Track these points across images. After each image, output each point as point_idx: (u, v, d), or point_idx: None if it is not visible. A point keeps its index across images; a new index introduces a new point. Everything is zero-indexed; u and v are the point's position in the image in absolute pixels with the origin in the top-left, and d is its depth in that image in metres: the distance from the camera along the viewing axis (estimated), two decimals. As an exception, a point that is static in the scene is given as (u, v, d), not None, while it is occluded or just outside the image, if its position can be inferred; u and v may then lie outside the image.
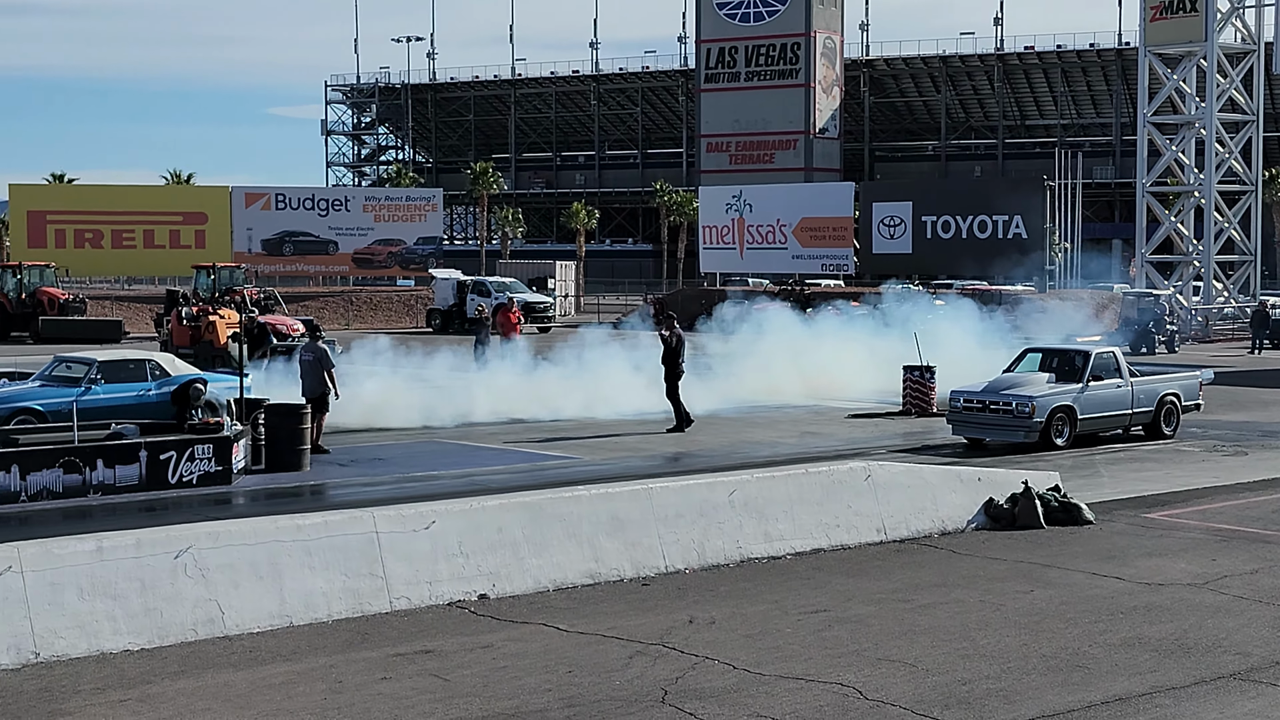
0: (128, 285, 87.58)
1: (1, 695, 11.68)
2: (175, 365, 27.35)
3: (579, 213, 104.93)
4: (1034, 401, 26.57)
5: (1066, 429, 26.98)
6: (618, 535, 16.11)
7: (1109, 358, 28.28)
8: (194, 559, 13.56)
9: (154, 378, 26.45)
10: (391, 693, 11.76)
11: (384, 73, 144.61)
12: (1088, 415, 27.35)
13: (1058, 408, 26.87)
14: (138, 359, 27.13)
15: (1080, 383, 27.30)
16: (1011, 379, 27.73)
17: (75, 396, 25.01)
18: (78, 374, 26.12)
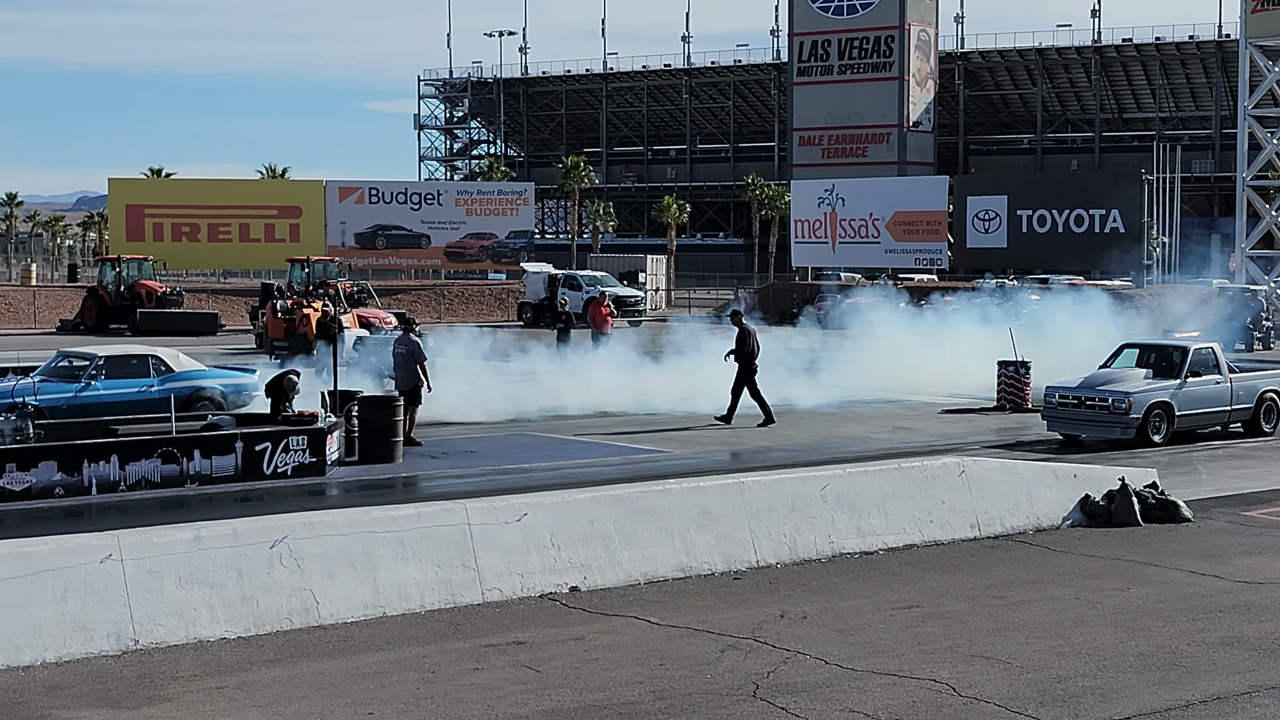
0: (223, 278, 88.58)
1: (102, 680, 11.85)
2: (179, 361, 26.88)
3: (670, 206, 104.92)
4: (1131, 397, 26.23)
5: (1164, 425, 26.59)
6: (709, 529, 16.09)
7: (1207, 353, 27.82)
8: (289, 549, 13.68)
9: (157, 374, 26.11)
10: (483, 683, 11.82)
11: (476, 67, 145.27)
12: (1185, 412, 26.95)
13: (1155, 404, 26.49)
14: (140, 355, 26.76)
15: (1178, 379, 26.92)
16: (1108, 375, 27.39)
17: (74, 392, 24.84)
18: (78, 370, 25.77)
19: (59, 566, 12.60)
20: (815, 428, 29.10)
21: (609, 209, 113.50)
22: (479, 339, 40.08)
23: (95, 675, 12.01)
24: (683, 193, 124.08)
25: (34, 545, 12.83)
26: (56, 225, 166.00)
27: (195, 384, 26.38)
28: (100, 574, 12.74)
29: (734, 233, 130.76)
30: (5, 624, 12.19)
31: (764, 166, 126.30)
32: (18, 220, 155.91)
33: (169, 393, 24.60)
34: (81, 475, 20.44)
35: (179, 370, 26.51)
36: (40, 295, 70.84)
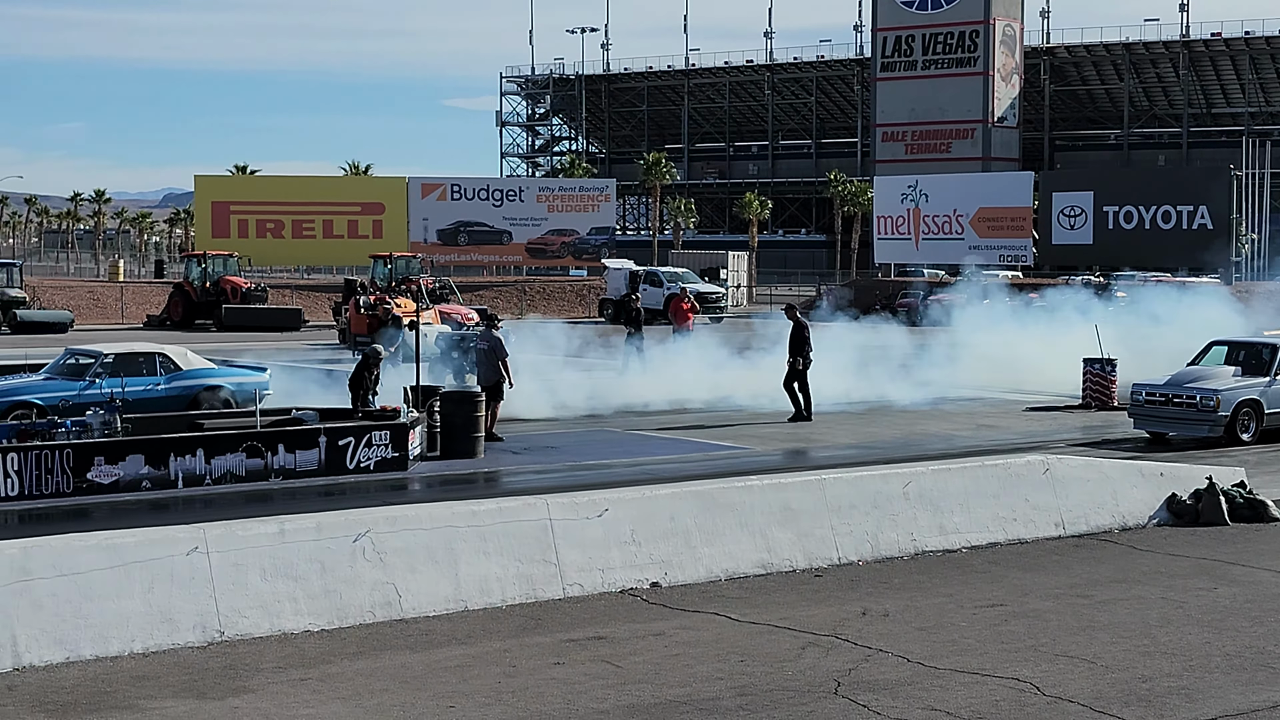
0: (307, 274, 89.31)
1: (188, 671, 11.98)
2: (187, 359, 26.73)
3: (752, 203, 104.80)
4: (1219, 395, 25.92)
5: (1253, 424, 26.25)
6: (790, 525, 16.05)
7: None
8: (372, 543, 13.77)
9: (164, 372, 25.94)
10: (564, 678, 11.84)
11: (558, 64, 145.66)
12: (1275, 410, 26.52)
13: (1244, 402, 26.15)
14: (147, 352, 26.58)
15: (1268, 376, 26.53)
16: (1196, 372, 27.08)
17: (78, 390, 24.64)
18: (84, 368, 25.58)
19: (146, 558, 12.75)
20: (899, 425, 28.95)
21: (690, 205, 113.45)
22: (560, 335, 40.17)
23: (181, 666, 12.14)
24: (765, 189, 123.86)
25: (122, 537, 12.98)
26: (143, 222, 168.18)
27: (202, 382, 26.08)
28: (186, 566, 12.88)
29: (816, 229, 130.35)
30: (94, 615, 12.35)
31: (846, 162, 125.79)
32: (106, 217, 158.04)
33: (176, 391, 24.59)
34: (168, 469, 20.66)
35: (186, 368, 26.23)
36: (127, 291, 71.72)
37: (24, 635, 12.06)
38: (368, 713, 10.98)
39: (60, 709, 11.02)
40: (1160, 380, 27.12)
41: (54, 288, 71.36)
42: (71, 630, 12.26)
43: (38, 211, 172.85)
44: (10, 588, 12.11)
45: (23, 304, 58.54)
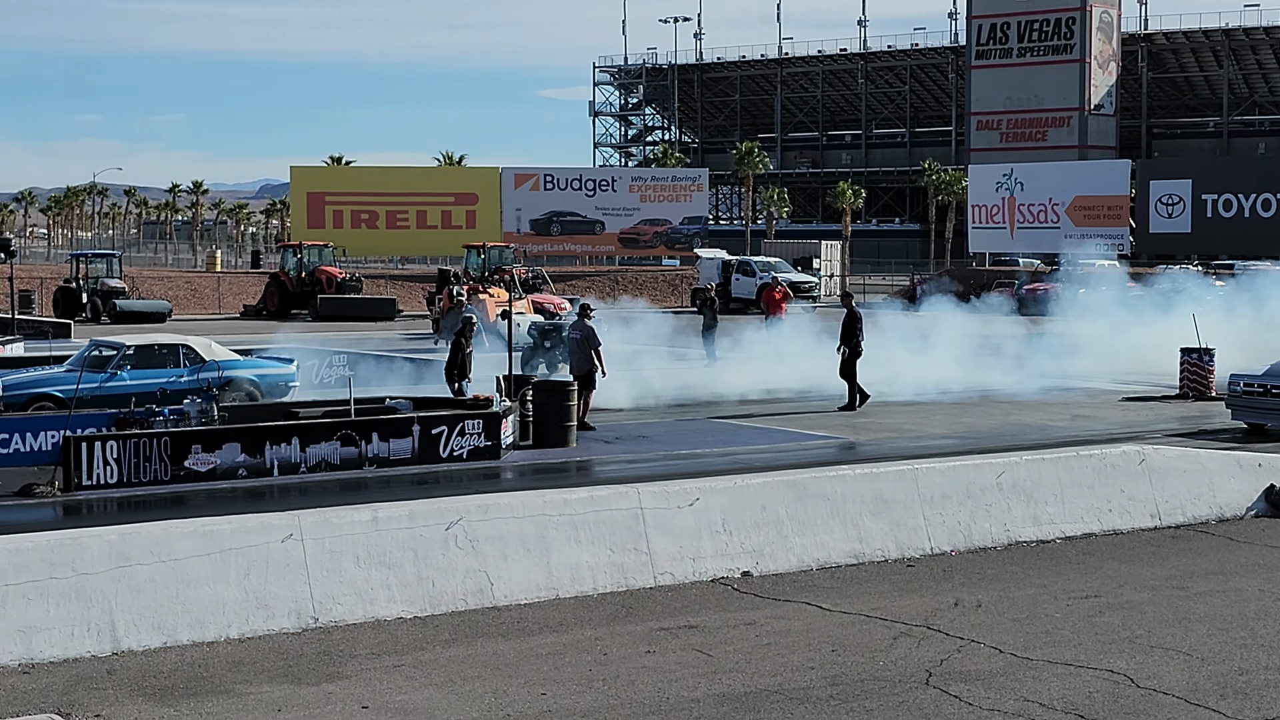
0: (401, 265, 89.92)
1: (284, 657, 12.11)
2: (211, 350, 26.41)
3: (845, 192, 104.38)
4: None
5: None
6: (882, 515, 15.98)
7: None
8: (464, 531, 13.85)
9: (188, 363, 25.71)
10: (656, 666, 11.86)
11: (651, 54, 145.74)
12: None
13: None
14: (171, 344, 26.30)
15: None
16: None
17: (99, 382, 24.44)
18: (108, 359, 25.43)
19: (242, 545, 12.90)
20: (993, 415, 28.73)
21: (783, 195, 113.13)
22: (652, 324, 40.19)
23: (277, 652, 12.27)
24: (858, 178, 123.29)
25: (219, 524, 13.15)
26: (240, 213, 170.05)
27: (226, 374, 25.75)
28: (282, 553, 13.02)
29: (910, 218, 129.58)
30: (192, 601, 12.51)
31: (941, 151, 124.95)
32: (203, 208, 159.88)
33: (198, 383, 24.30)
34: (264, 457, 20.89)
35: (210, 360, 25.98)
36: (224, 281, 72.56)
37: (123, 620, 12.24)
38: (461, 699, 11.05)
39: (159, 693, 11.18)
40: (1259, 370, 26.65)
41: (153, 278, 72.30)
42: (169, 615, 12.43)
43: (137, 203, 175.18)
44: (110, 573, 12.30)
45: (122, 294, 59.35)
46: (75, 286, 58.93)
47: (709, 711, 10.76)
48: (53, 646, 11.93)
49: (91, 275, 59.56)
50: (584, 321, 26.67)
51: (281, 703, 10.97)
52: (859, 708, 10.82)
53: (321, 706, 10.89)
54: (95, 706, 10.84)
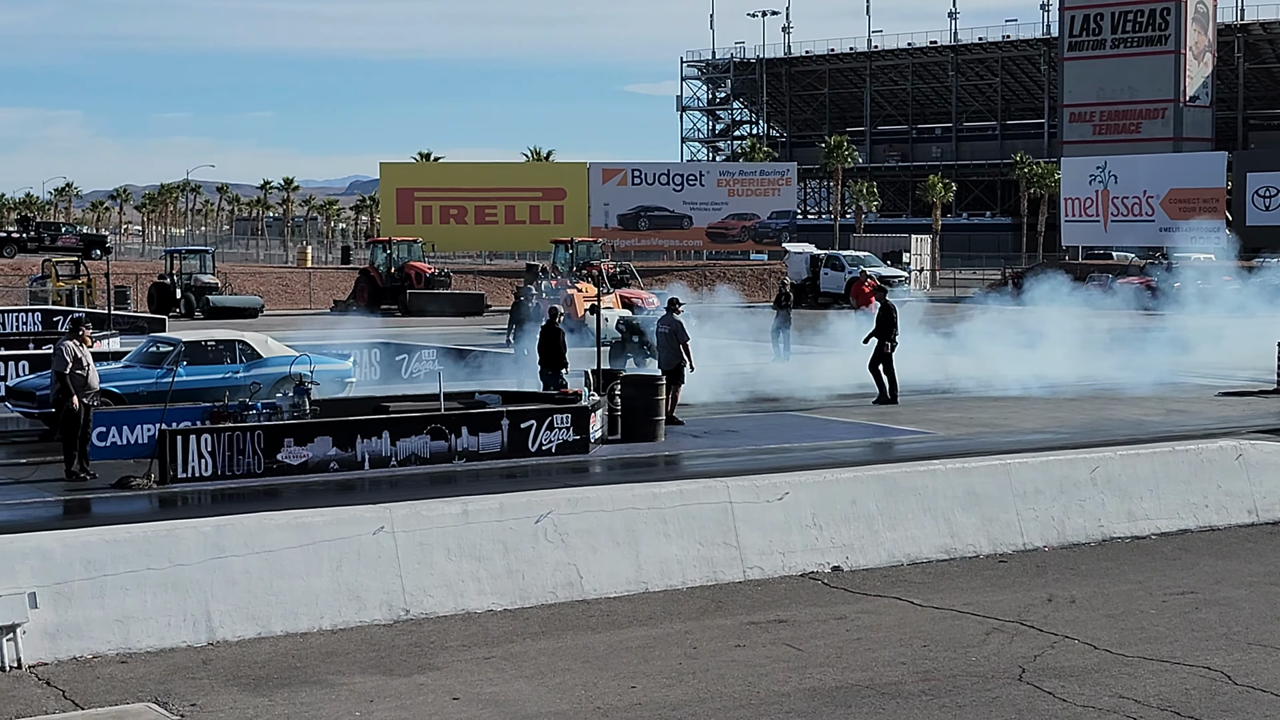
0: (489, 260, 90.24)
1: (375, 648, 12.19)
2: (268, 346, 26.11)
3: (935, 186, 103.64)
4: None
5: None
6: (974, 510, 15.87)
7: None
8: (554, 524, 13.88)
9: (244, 359, 25.45)
10: (746, 660, 11.83)
11: (739, 48, 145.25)
12: None
13: None
14: (227, 340, 26.07)
15: None
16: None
17: (155, 378, 24.10)
18: (164, 355, 25.19)
19: (334, 537, 13.01)
20: (1087, 410, 28.42)
21: (872, 188, 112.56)
22: (741, 318, 40.13)
23: (368, 643, 12.36)
24: (948, 171, 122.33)
25: (311, 516, 13.26)
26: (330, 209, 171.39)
27: (282, 370, 25.30)
28: (373, 545, 13.11)
29: (1001, 211, 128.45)
30: (286, 592, 12.63)
31: (1033, 144, 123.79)
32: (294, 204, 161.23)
33: (254, 379, 24.20)
34: (355, 450, 21.03)
35: (266, 356, 25.75)
36: (315, 277, 73.14)
37: (218, 610, 12.37)
38: (551, 691, 11.08)
39: (253, 683, 11.28)
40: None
41: (244, 274, 73.01)
42: (263, 606, 12.55)
43: (229, 200, 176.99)
44: (205, 564, 12.43)
45: (215, 290, 59.99)
46: (169, 282, 59.63)
47: (799, 705, 10.72)
48: (149, 636, 12.08)
49: (185, 271, 60.25)
50: (673, 316, 26.64)
51: (374, 693, 11.04)
52: (950, 703, 10.74)
53: (413, 697, 10.95)
54: (191, 696, 10.96)
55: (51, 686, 11.16)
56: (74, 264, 59.11)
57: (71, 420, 20.11)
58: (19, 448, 23.67)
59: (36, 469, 21.28)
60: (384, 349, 33.06)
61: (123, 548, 12.26)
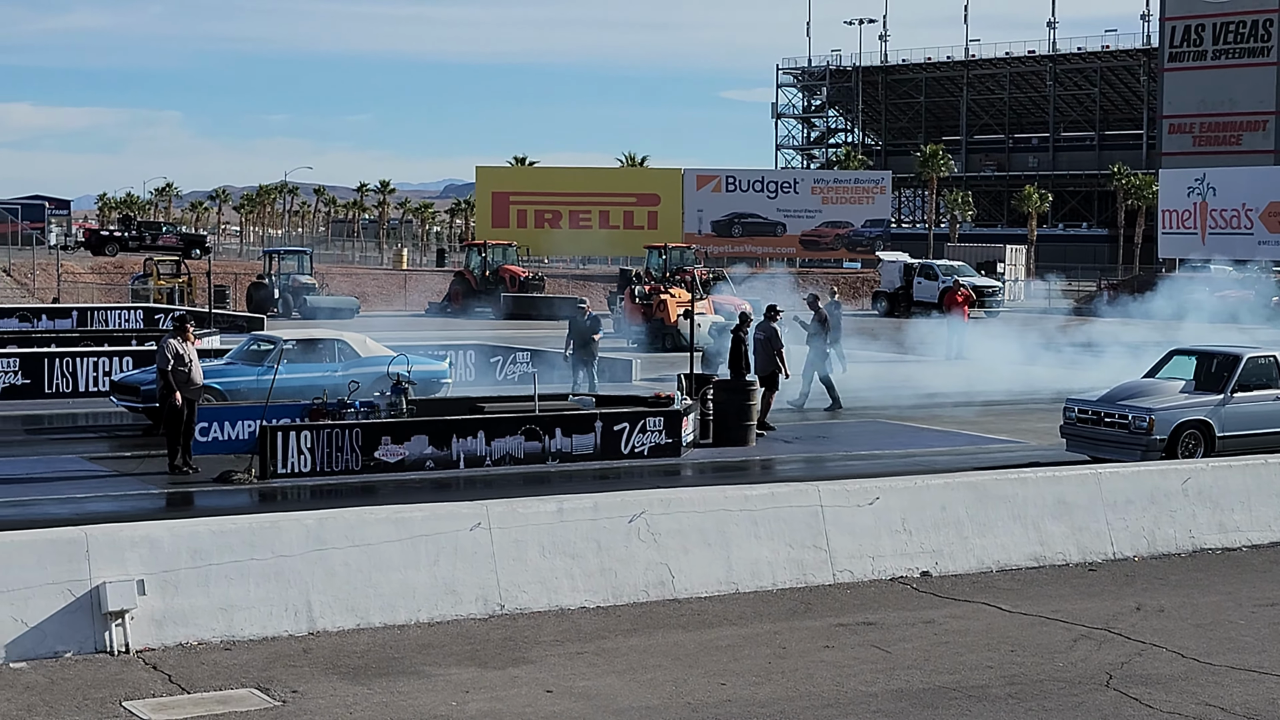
0: (583, 264, 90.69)
1: (470, 641, 12.46)
2: (366, 346, 26.32)
3: (1031, 196, 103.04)
4: (1153, 415, 21.50)
5: (1199, 449, 21.51)
6: (1063, 519, 15.94)
7: (1268, 362, 22.58)
8: (646, 524, 14.10)
9: (342, 359, 25.71)
10: (833, 661, 12.00)
11: (835, 55, 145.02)
12: (1232, 433, 21.77)
13: (1186, 423, 21.64)
14: (327, 339, 26.43)
15: (1222, 393, 21.97)
16: (1138, 386, 22.97)
17: (256, 376, 24.35)
18: (266, 353, 25.46)
19: (432, 532, 13.29)
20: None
21: (968, 198, 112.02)
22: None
23: (464, 636, 12.63)
24: (1044, 182, 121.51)
25: (410, 512, 13.56)
26: (425, 212, 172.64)
27: (380, 370, 25.24)
28: (470, 541, 13.39)
29: (1098, 223, 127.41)
30: (384, 584, 12.93)
31: (1131, 155, 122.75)
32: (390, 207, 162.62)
33: (353, 378, 24.26)
34: (450, 449, 21.37)
35: (364, 356, 25.97)
36: (410, 279, 73.82)
37: (318, 601, 12.69)
38: (642, 686, 11.30)
39: (352, 672, 11.58)
40: (1095, 395, 23.31)
41: (341, 275, 73.84)
42: (362, 598, 12.86)
43: (326, 201, 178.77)
44: (306, 556, 12.76)
45: (313, 290, 60.69)
46: (268, 282, 60.44)
47: (886, 706, 10.88)
48: (252, 625, 12.42)
49: (283, 271, 60.99)
50: (769, 323, 26.79)
51: (469, 684, 11.31)
52: (1036, 707, 10.86)
53: (506, 689, 11.20)
54: (292, 683, 11.27)
55: (158, 671, 11.51)
56: (175, 263, 60.07)
57: (174, 415, 20.58)
58: (124, 441, 24.23)
59: (141, 462, 21.80)
60: (479, 350, 33.42)
61: (228, 538, 12.60)
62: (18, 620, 11.70)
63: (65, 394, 29.07)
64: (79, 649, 11.82)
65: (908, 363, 36.96)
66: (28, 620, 11.73)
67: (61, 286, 60.25)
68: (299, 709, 10.68)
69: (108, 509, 17.98)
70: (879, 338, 42.42)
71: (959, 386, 31.62)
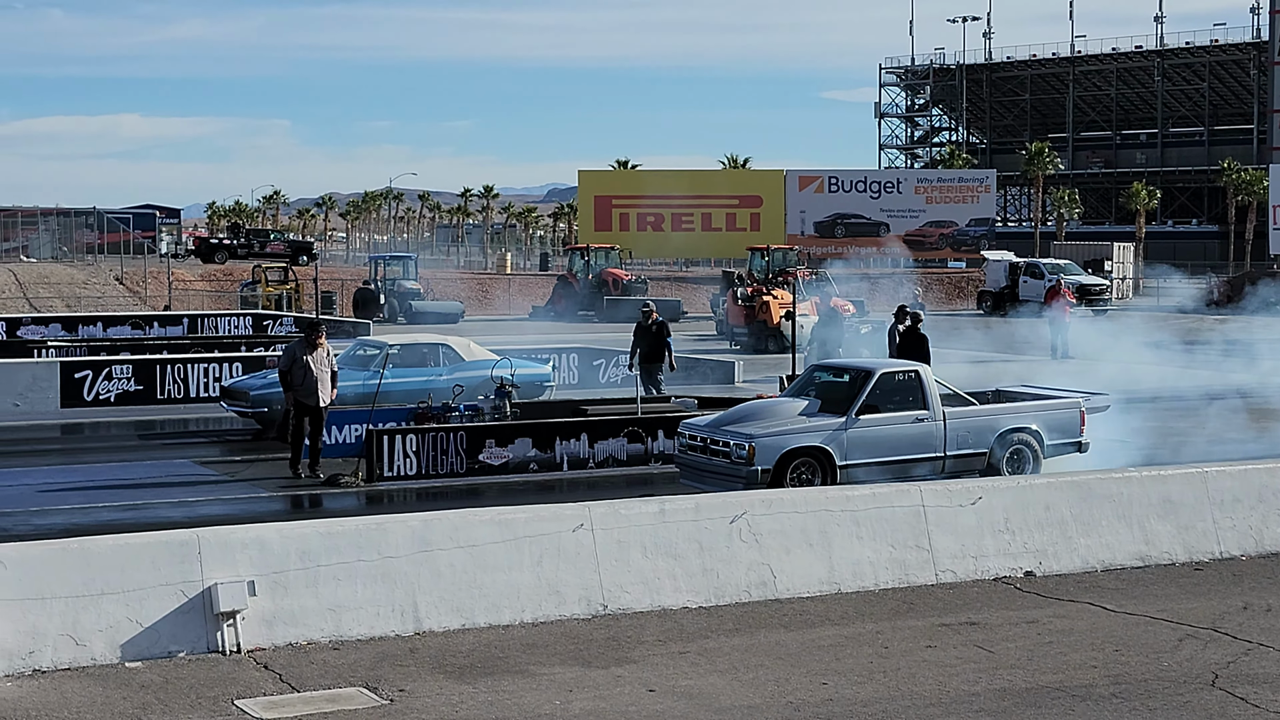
0: (685, 267, 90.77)
1: (574, 641, 12.59)
2: (470, 350, 26.48)
3: (1139, 192, 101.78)
4: (754, 441, 18.76)
5: (816, 479, 18.84)
6: (1169, 518, 15.82)
7: (906, 380, 20.05)
8: (748, 524, 14.17)
9: (447, 363, 25.85)
10: (937, 660, 12.00)
11: (939, 54, 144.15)
12: (856, 461, 19.16)
13: (796, 450, 18.92)
14: (432, 344, 26.48)
15: (845, 415, 19.27)
16: (755, 408, 20.37)
17: (363, 380, 24.32)
18: (371, 358, 25.62)
19: (535, 533, 13.44)
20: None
21: (1074, 195, 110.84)
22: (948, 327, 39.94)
23: (567, 636, 12.76)
24: (1152, 178, 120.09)
25: (514, 513, 13.71)
26: (529, 216, 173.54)
27: (484, 374, 25.20)
28: (572, 542, 13.52)
29: (1208, 219, 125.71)
30: (489, 585, 13.09)
31: (1241, 150, 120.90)
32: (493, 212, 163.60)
33: (457, 382, 24.38)
34: (554, 452, 21.56)
35: (469, 360, 26.09)
36: (514, 283, 74.28)
37: (424, 601, 12.87)
38: (744, 686, 11.37)
39: (458, 671, 11.74)
40: (705, 419, 20.61)
41: (445, 280, 74.39)
42: (467, 599, 13.02)
43: (430, 207, 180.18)
44: (413, 557, 12.94)
45: (418, 295, 61.22)
46: (374, 288, 61.03)
47: (989, 705, 10.87)
48: (360, 625, 12.62)
49: (389, 277, 61.59)
50: (895, 326, 26.61)
51: (573, 684, 11.43)
52: (1142, 707, 10.81)
53: (610, 688, 11.31)
54: (400, 682, 11.45)
55: (269, 670, 11.74)
56: (283, 270, 60.88)
57: (286, 419, 20.90)
58: (234, 446, 24.64)
59: (250, 465, 22.16)
60: (581, 354, 33.61)
61: (336, 540, 12.81)
62: (133, 621, 11.97)
63: (177, 400, 29.60)
64: (192, 649, 12.07)
65: (1011, 361, 36.67)
66: (143, 621, 12.01)
67: (172, 294, 61.22)
68: (406, 707, 10.86)
69: (219, 512, 18.34)
70: (982, 336, 42.11)
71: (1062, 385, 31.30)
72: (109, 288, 63.61)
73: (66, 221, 77.78)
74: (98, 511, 18.49)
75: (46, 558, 12.03)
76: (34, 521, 17.79)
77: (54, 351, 34.26)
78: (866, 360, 22.68)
